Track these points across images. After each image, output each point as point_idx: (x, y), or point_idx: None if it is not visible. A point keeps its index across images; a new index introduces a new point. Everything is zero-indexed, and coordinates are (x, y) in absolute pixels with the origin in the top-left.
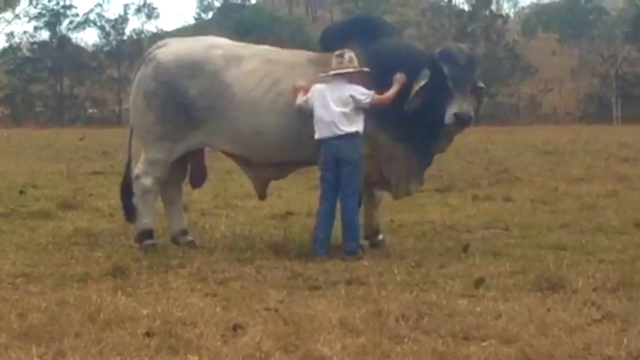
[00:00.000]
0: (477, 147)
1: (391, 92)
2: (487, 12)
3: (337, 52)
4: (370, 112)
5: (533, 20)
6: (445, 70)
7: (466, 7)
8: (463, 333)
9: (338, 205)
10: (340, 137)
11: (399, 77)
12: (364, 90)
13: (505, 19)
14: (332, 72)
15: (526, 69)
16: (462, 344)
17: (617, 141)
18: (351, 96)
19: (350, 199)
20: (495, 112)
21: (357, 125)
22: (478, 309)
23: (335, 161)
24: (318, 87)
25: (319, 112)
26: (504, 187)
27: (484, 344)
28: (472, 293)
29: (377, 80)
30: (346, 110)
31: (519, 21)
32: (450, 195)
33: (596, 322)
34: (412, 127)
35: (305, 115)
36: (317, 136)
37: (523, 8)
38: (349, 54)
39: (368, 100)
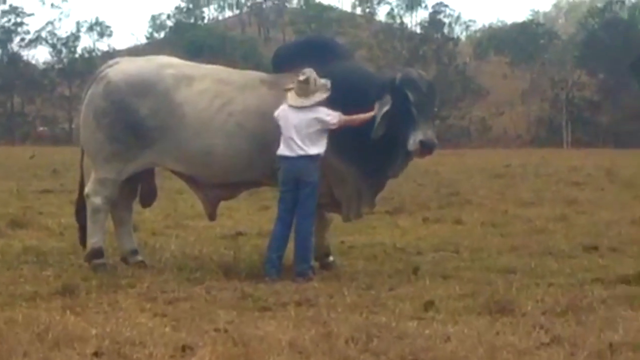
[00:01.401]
0: (427, 169)
1: (363, 115)
2: (439, 35)
3: (301, 78)
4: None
5: (484, 44)
6: (410, 96)
7: (418, 30)
8: (412, 355)
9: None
10: (301, 157)
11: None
12: (329, 111)
13: (457, 42)
14: (299, 104)
15: (477, 92)
16: None
17: (567, 165)
18: (316, 118)
19: (306, 220)
20: (446, 135)
21: (319, 147)
22: (427, 331)
23: (294, 182)
24: (283, 107)
25: (283, 131)
26: (454, 210)
27: None
28: (422, 316)
29: (331, 103)
30: (310, 131)
31: (471, 44)
32: (401, 217)
33: (545, 345)
34: (365, 150)
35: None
36: (279, 152)
37: (475, 31)
38: (313, 78)
39: (334, 121)
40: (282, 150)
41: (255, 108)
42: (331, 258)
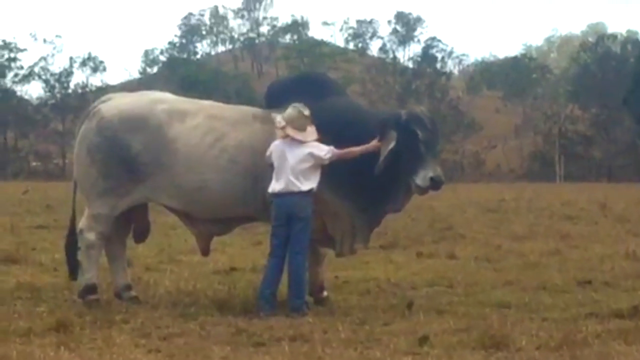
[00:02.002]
0: (421, 204)
1: (357, 149)
2: (432, 70)
3: (306, 113)
4: None
5: (477, 78)
6: (419, 133)
7: (410, 65)
8: None
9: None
10: (295, 193)
11: (375, 144)
12: (323, 147)
13: (449, 76)
14: (306, 139)
15: (470, 126)
16: None
17: (560, 199)
18: (310, 154)
19: (299, 256)
20: None
21: (312, 182)
22: None
23: (287, 217)
24: (276, 143)
25: (276, 167)
26: (448, 245)
27: None
28: (417, 351)
29: (327, 139)
30: (304, 167)
31: (463, 78)
32: (395, 252)
33: None
34: (361, 185)
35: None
36: (271, 190)
37: (467, 66)
38: (310, 114)
39: (328, 155)
40: (275, 187)
41: (248, 143)
42: (325, 293)
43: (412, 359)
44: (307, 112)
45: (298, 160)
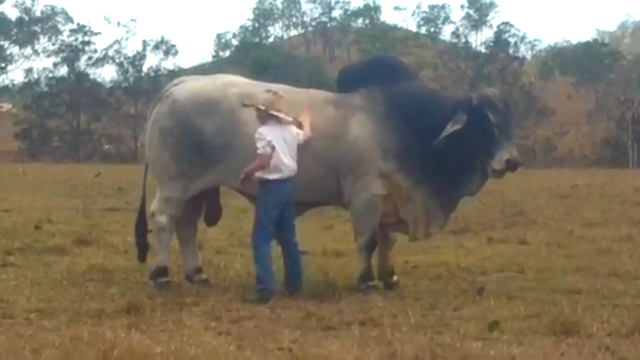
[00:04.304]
0: (492, 189)
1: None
2: (504, 55)
3: (281, 94)
4: (391, 152)
5: (549, 63)
6: (491, 117)
7: (483, 49)
8: None
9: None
10: (291, 179)
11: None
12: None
13: (522, 61)
14: (285, 118)
15: (542, 112)
16: None
17: (633, 185)
18: (298, 133)
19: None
20: None
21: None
22: (492, 352)
23: (284, 204)
24: (265, 130)
25: (282, 150)
26: (519, 230)
27: None
28: (487, 336)
29: (402, 123)
30: (296, 147)
31: (536, 64)
32: (465, 237)
33: None
34: (433, 169)
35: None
36: (287, 174)
37: (540, 51)
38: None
39: (301, 136)
40: (289, 171)
41: (321, 128)
42: (395, 278)
43: (482, 345)
44: (282, 93)
45: (294, 143)
